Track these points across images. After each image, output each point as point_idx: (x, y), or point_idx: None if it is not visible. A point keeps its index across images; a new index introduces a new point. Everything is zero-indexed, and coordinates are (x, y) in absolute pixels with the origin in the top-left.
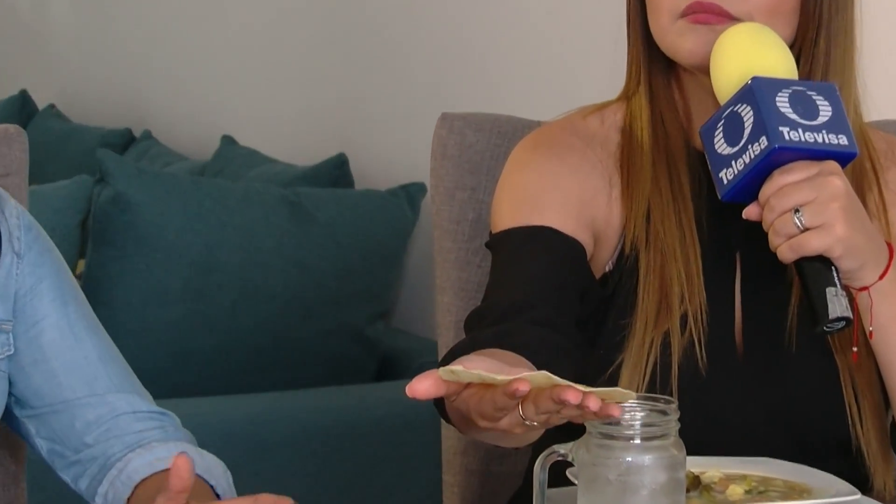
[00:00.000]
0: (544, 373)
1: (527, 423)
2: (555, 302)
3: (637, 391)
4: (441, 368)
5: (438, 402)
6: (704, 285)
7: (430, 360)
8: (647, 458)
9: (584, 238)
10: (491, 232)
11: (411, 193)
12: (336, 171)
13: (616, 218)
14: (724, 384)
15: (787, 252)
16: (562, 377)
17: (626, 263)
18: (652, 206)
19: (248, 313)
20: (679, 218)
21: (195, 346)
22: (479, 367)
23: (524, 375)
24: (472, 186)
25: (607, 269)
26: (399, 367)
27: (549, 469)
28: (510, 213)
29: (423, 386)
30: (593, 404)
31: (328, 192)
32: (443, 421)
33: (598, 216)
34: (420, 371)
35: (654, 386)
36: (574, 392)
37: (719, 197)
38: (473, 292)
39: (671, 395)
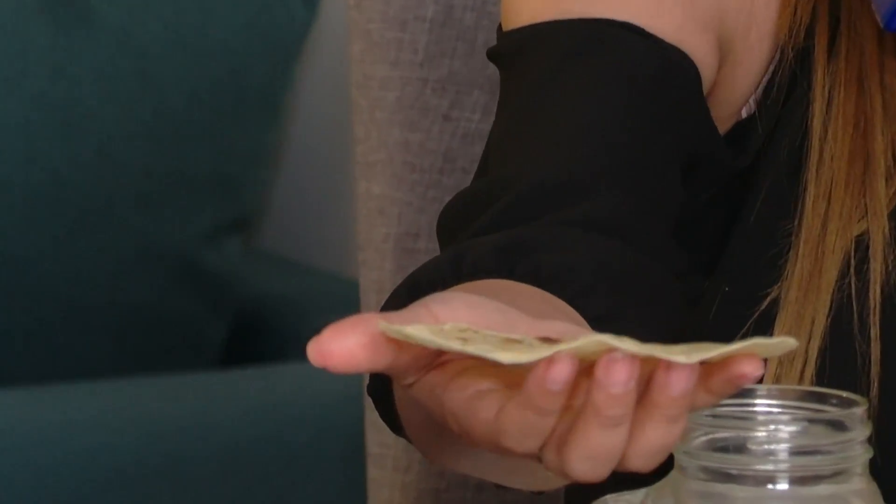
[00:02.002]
0: (600, 338)
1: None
2: (633, 180)
3: (801, 378)
4: (383, 321)
5: (381, 391)
6: None
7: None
8: None
9: (699, 51)
10: (501, 30)
11: None
12: None
13: (766, 11)
14: None
15: None
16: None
17: (788, 101)
18: None
19: None
20: None
21: None
22: (461, 317)
23: (564, 347)
24: None
25: (744, 115)
26: (275, 333)
27: None
28: None
29: (343, 346)
30: (721, 375)
31: None
32: (373, 444)
33: (729, 8)
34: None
35: (836, 361)
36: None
37: (881, 24)
38: (435, 175)
39: (865, 387)
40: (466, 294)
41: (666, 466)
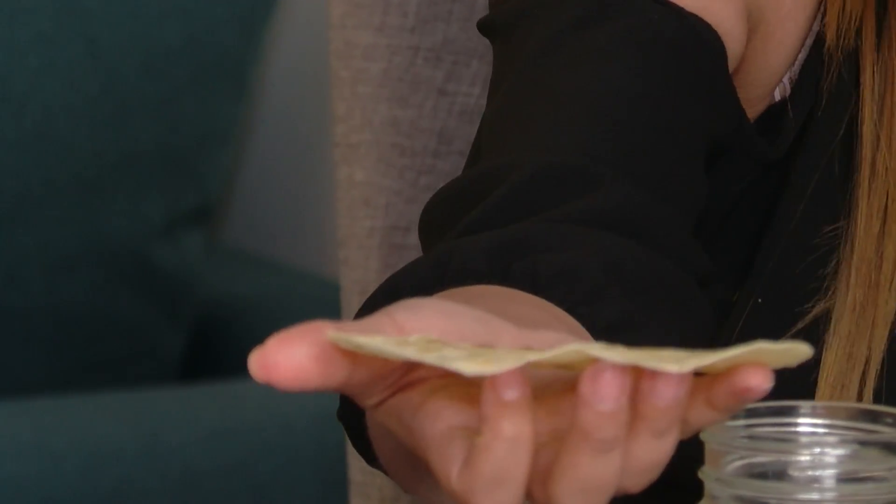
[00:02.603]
0: (579, 346)
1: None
2: (647, 169)
3: (857, 397)
4: (333, 330)
5: (353, 416)
6: None
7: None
8: None
9: (725, 20)
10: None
11: None
12: None
13: None
14: None
15: None
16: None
17: (828, 81)
18: None
19: None
20: None
21: None
22: (432, 327)
23: (534, 357)
24: None
25: (777, 98)
26: (241, 343)
27: None
28: None
29: (291, 358)
30: (723, 388)
31: None
32: (356, 471)
33: None
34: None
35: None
36: (663, 375)
37: None
38: (429, 158)
39: None
40: (440, 301)
41: (694, 496)
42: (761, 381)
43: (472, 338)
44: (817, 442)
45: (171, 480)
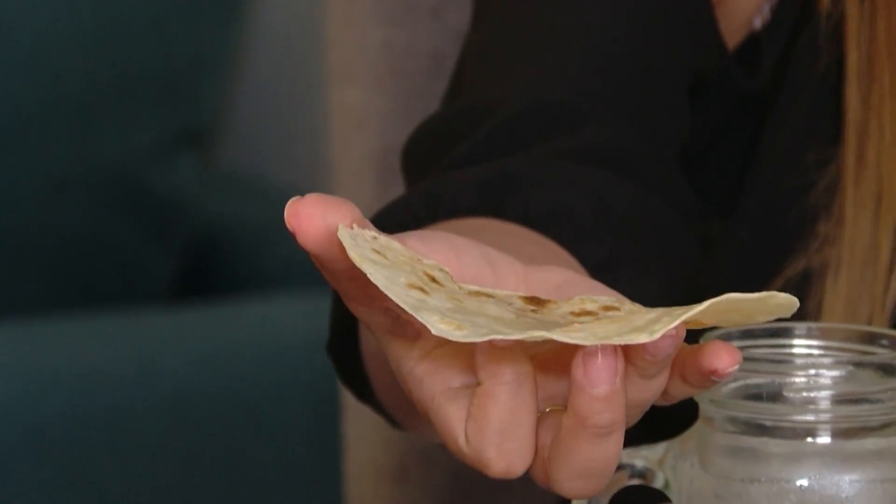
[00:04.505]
0: (560, 331)
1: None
2: (635, 103)
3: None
4: (345, 227)
5: (343, 347)
6: None
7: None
8: (847, 481)
9: None
10: None
11: None
12: None
13: None
14: None
15: None
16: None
17: (809, 11)
18: None
19: None
20: None
21: None
22: (442, 262)
23: (500, 338)
24: None
25: (758, 26)
26: (233, 265)
27: None
28: None
29: (322, 217)
30: (693, 367)
31: None
32: (350, 394)
33: None
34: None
35: None
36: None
37: None
38: (422, 80)
39: None
40: (451, 235)
41: (689, 417)
42: (728, 363)
43: (479, 278)
44: (813, 363)
45: (164, 403)
